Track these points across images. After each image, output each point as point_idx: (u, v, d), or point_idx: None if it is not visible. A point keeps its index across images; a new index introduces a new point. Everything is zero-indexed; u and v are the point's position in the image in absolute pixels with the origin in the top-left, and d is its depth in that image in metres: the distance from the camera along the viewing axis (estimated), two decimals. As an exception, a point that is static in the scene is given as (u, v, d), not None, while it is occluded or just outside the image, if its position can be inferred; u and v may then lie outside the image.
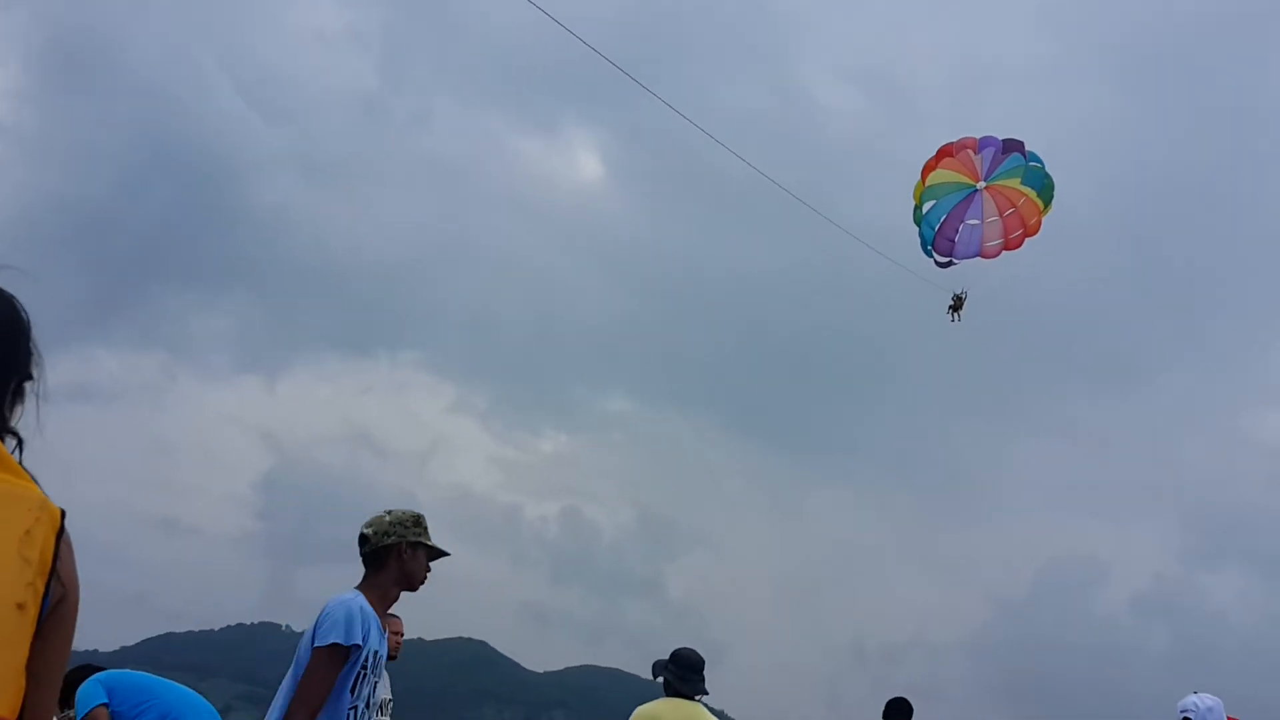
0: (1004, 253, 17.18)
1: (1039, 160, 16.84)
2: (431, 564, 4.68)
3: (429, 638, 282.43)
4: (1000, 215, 17.11)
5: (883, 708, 9.17)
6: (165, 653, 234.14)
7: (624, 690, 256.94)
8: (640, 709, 7.15)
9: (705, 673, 7.11)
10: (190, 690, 7.71)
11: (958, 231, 17.24)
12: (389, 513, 4.67)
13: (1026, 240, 17.09)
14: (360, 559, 4.67)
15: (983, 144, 17.08)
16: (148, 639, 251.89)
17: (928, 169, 17.32)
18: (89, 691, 7.15)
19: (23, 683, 1.90)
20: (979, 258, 17.21)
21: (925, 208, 17.33)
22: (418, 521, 4.67)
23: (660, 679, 7.22)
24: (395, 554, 4.60)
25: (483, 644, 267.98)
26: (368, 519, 4.68)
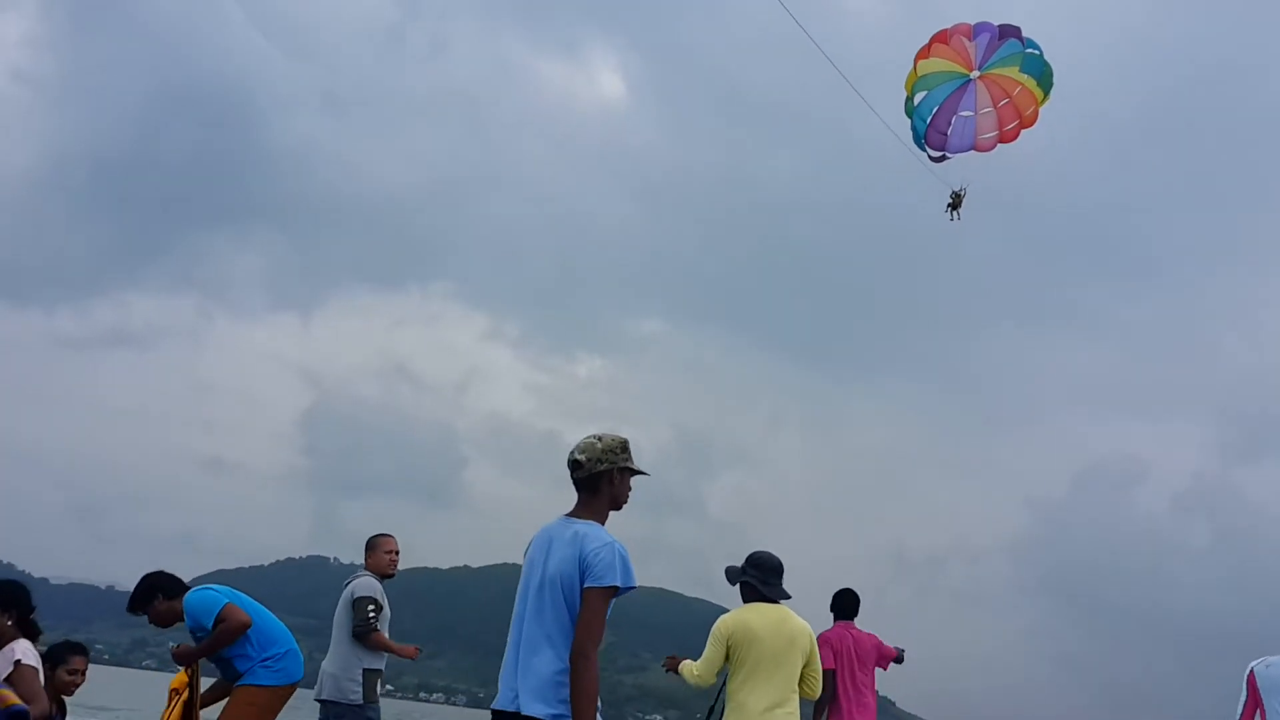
0: (999, 145, 16.43)
1: (1036, 47, 15.99)
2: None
3: (475, 565, 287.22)
4: (994, 106, 16.29)
5: (834, 600, 9.00)
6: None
7: (669, 608, 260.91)
8: (724, 618, 6.58)
9: (782, 579, 6.65)
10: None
11: (950, 124, 16.49)
12: (599, 439, 4.78)
13: (1023, 132, 16.29)
14: (573, 483, 4.76)
15: (977, 30, 16.30)
16: (198, 577, 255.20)
17: (920, 56, 16.54)
18: (207, 597, 6.78)
19: None
20: (973, 150, 16.48)
21: (917, 99, 16.61)
22: (625, 447, 4.82)
23: (737, 584, 6.70)
24: (607, 479, 4.73)
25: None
26: (578, 444, 4.78)
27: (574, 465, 4.74)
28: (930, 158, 16.97)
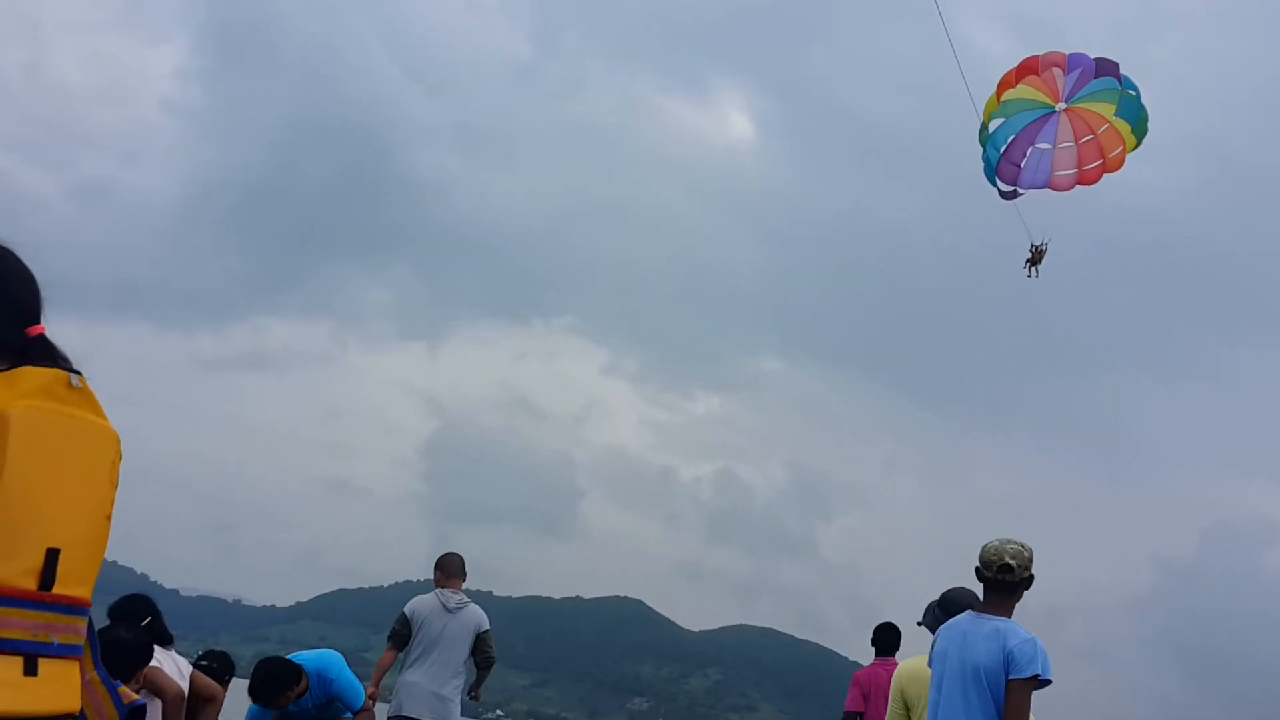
0: (1077, 186, 14.81)
1: (1134, 88, 14.42)
2: None
3: (588, 596, 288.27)
4: (1076, 141, 14.70)
5: (875, 633, 8.75)
6: (338, 608, 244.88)
7: (778, 648, 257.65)
8: (905, 664, 6.39)
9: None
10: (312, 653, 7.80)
11: (1025, 156, 14.94)
12: (1025, 548, 5.11)
13: (1105, 176, 14.63)
14: (984, 581, 5.17)
15: (1072, 62, 14.71)
16: (321, 595, 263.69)
17: (1004, 84, 14.99)
18: (355, 682, 7.57)
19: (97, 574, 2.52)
20: (1048, 189, 14.90)
21: (993, 126, 15.09)
22: (1032, 556, 5.19)
23: (924, 624, 6.33)
24: (1025, 585, 5.13)
25: (639, 602, 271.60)
26: (1007, 549, 5.11)
27: (1005, 569, 5.07)
28: (1001, 194, 15.51)
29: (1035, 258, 15.54)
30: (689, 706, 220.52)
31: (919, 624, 6.51)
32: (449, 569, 8.96)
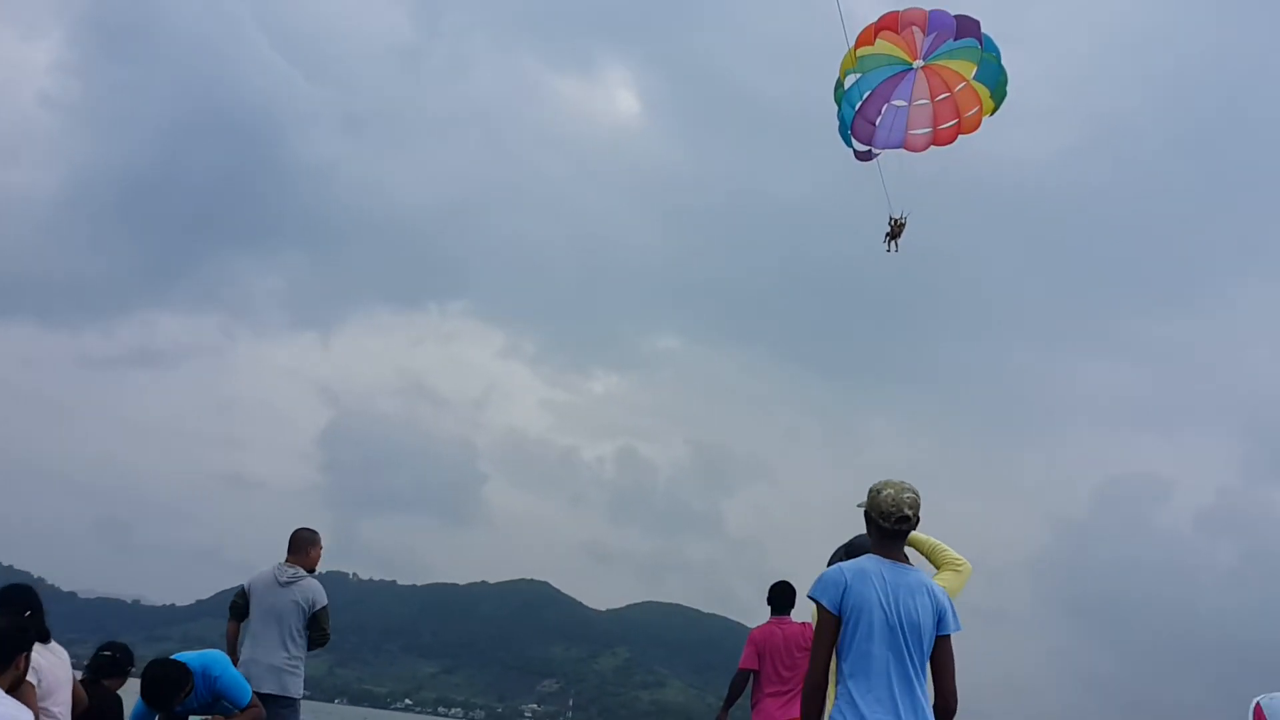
0: (932, 147, 14.26)
1: (995, 50, 13.87)
2: None
3: (493, 580, 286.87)
4: (931, 99, 14.10)
5: (770, 592, 8.94)
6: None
7: (685, 624, 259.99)
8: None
9: None
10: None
11: (880, 113, 14.29)
12: (917, 493, 5.20)
13: (960, 137, 14.14)
14: (880, 530, 5.13)
15: (933, 21, 14.08)
16: (221, 591, 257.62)
17: (862, 40, 14.22)
18: (241, 679, 7.74)
19: None
20: (901, 149, 14.33)
21: (848, 83, 14.35)
22: None
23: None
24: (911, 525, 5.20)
25: (545, 584, 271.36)
26: (906, 499, 5.10)
27: (903, 520, 5.07)
28: (856, 154, 14.74)
29: (894, 231, 15.24)
30: (599, 686, 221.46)
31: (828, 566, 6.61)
32: (291, 544, 9.08)
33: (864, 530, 5.37)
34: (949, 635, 4.93)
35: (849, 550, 5.95)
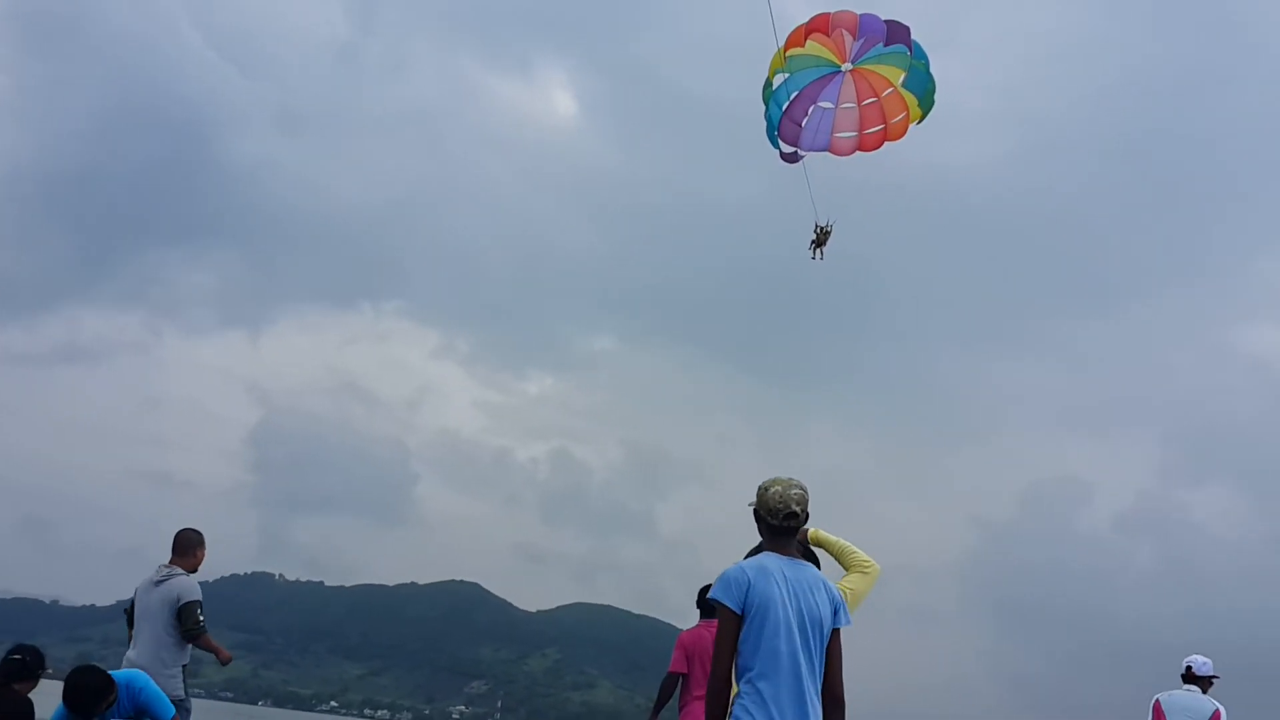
0: (857, 152, 14.09)
1: (924, 58, 13.76)
2: None
3: (422, 581, 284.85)
4: (858, 103, 13.95)
5: (699, 596, 9.02)
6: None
7: (615, 625, 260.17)
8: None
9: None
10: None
11: (807, 114, 14.10)
12: (805, 490, 5.31)
13: (886, 144, 14.04)
14: (769, 527, 5.23)
15: (864, 26, 13.91)
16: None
17: (792, 41, 14.08)
18: (162, 695, 7.77)
19: None
20: (827, 152, 14.13)
21: (776, 83, 14.20)
22: None
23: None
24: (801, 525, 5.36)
25: (475, 586, 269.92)
26: (794, 495, 5.19)
27: (791, 517, 5.16)
28: (782, 155, 14.55)
29: (820, 239, 15.01)
30: (528, 687, 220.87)
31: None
32: (176, 545, 9.14)
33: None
34: (840, 629, 5.08)
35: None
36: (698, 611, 9.01)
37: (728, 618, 4.93)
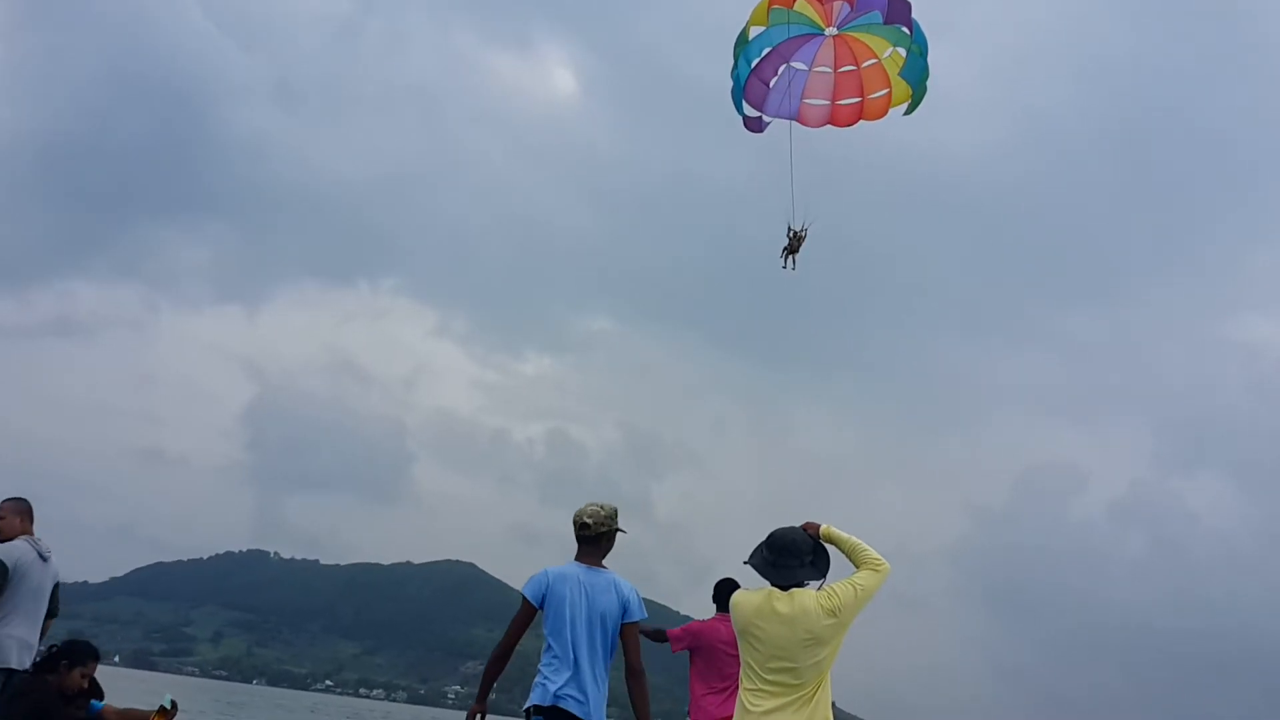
0: (828, 125, 12.64)
1: (923, 42, 12.18)
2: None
3: (418, 561, 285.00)
4: (834, 68, 12.44)
5: (716, 589, 8.68)
6: (155, 582, 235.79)
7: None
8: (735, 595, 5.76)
9: (803, 559, 5.48)
10: None
11: (777, 73, 12.58)
12: (602, 508, 6.40)
13: (861, 121, 12.57)
14: (578, 538, 6.43)
15: (863, 1, 12.34)
16: (137, 569, 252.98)
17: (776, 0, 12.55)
18: None
19: None
20: (794, 121, 12.61)
21: (751, 35, 12.61)
22: (616, 514, 6.46)
23: (750, 563, 5.78)
24: (608, 538, 6.41)
25: (471, 566, 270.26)
26: (586, 510, 6.38)
27: (583, 526, 6.35)
28: (746, 122, 13.01)
29: (793, 245, 13.51)
30: (522, 667, 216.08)
31: (745, 563, 6.63)
32: (30, 515, 8.58)
33: (784, 524, 5.61)
34: (635, 621, 6.27)
35: (769, 543, 5.81)
36: (713, 605, 8.75)
37: (524, 608, 6.38)
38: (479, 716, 6.76)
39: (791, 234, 13.45)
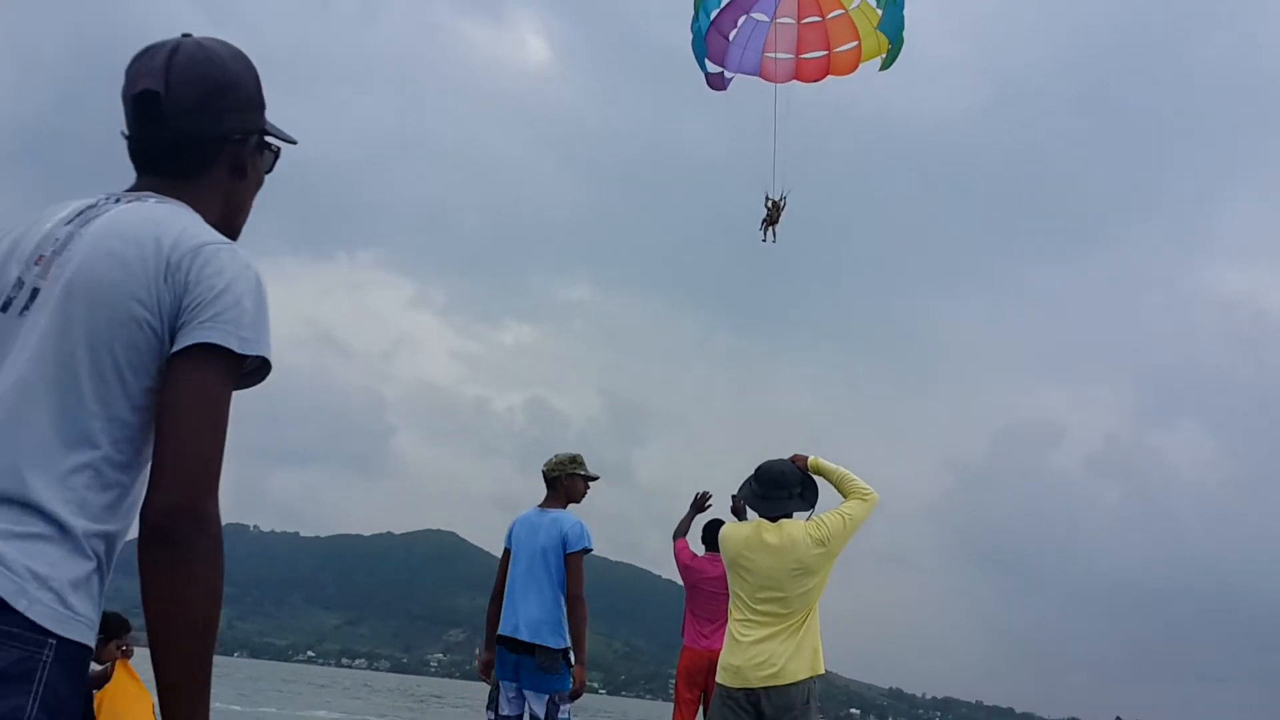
0: (793, 81, 11.84)
1: (901, 3, 11.24)
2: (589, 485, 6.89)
3: (399, 531, 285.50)
4: (797, 19, 11.66)
5: (705, 531, 8.73)
6: (134, 557, 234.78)
7: (593, 571, 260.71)
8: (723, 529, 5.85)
9: (791, 491, 5.51)
10: None
11: (737, 25, 11.85)
12: (556, 456, 6.82)
13: (828, 76, 11.76)
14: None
15: None
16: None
17: None
18: None
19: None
20: (758, 77, 11.93)
21: None
22: (573, 459, 6.80)
23: (739, 496, 6.02)
24: (560, 481, 6.73)
25: (452, 534, 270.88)
26: (549, 459, 6.83)
27: (544, 475, 6.77)
28: (708, 79, 12.40)
29: (772, 216, 13.07)
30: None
31: (734, 495, 6.99)
32: None
33: (770, 457, 5.70)
34: (576, 552, 6.50)
35: (757, 476, 5.79)
36: (703, 545, 8.86)
37: (503, 552, 6.79)
38: (491, 665, 6.79)
39: (770, 204, 13.02)
